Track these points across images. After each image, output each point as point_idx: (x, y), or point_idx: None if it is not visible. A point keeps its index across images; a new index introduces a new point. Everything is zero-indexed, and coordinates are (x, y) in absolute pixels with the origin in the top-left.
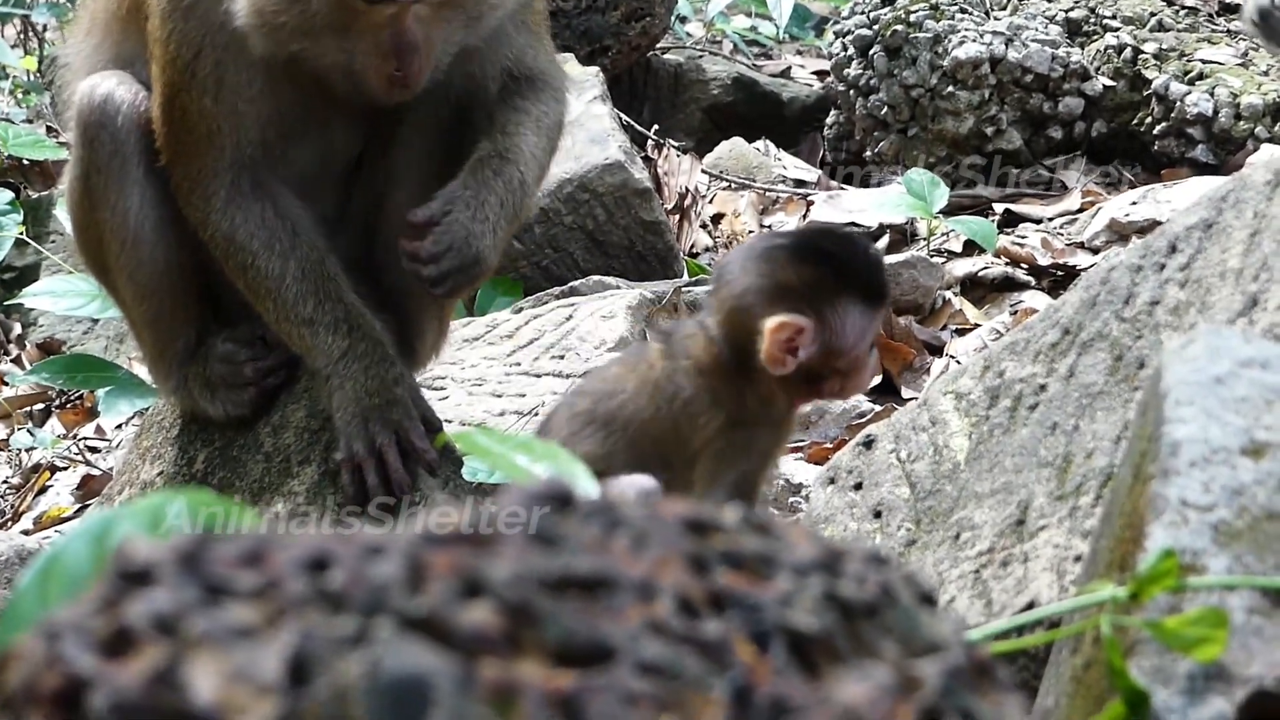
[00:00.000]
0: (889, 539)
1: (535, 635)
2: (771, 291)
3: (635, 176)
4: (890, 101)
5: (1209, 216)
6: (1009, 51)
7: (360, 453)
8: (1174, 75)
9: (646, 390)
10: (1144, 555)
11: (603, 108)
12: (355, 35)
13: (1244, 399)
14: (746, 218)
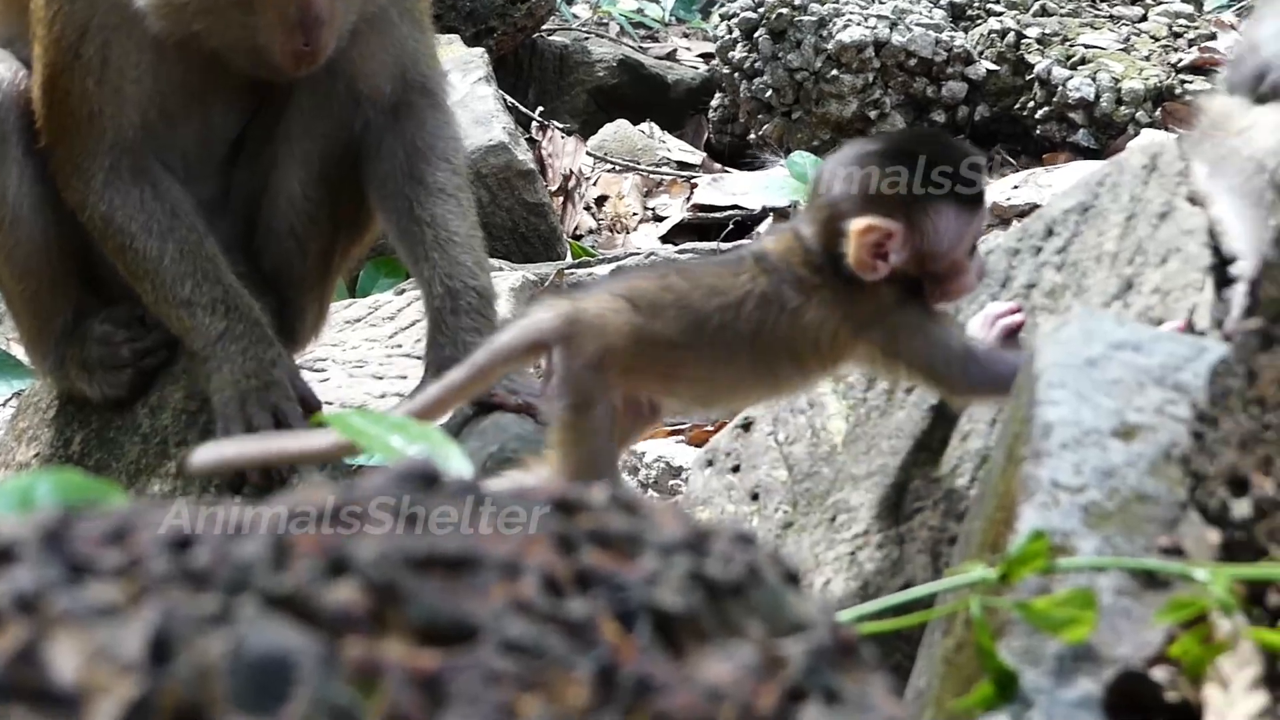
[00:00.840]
0: (766, 521)
1: (400, 614)
2: (864, 194)
3: (519, 158)
4: (775, 84)
5: (1086, 200)
6: (893, 35)
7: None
8: (1056, 60)
9: (751, 302)
10: (1015, 537)
11: (487, 89)
12: (260, 10)
13: (1116, 381)
14: (631, 200)
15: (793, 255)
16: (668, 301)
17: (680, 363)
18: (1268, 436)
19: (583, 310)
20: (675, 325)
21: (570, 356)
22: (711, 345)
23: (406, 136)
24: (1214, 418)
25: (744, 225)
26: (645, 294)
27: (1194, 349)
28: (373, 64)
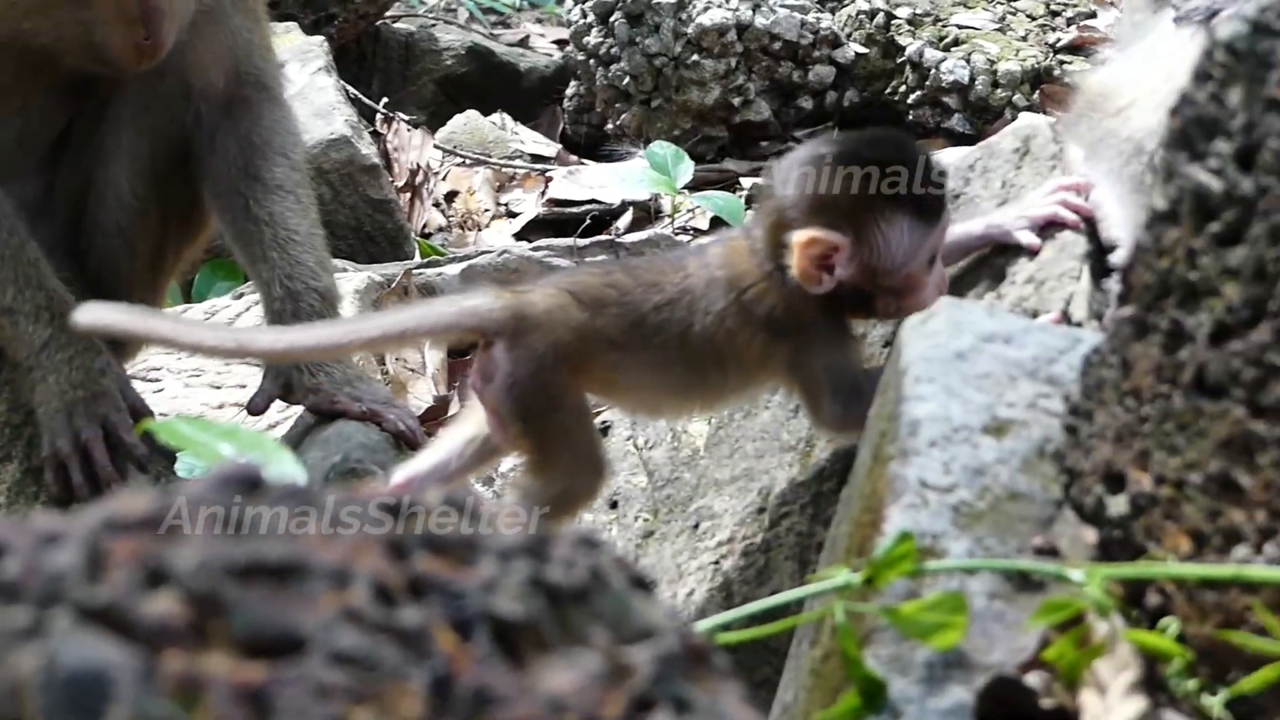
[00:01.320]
0: (625, 530)
1: (222, 626)
2: (811, 203)
3: (363, 152)
4: (632, 71)
5: (956, 187)
6: (756, 18)
7: (64, 449)
8: (928, 41)
9: (683, 301)
10: (882, 540)
11: (328, 79)
12: (96, 5)
13: (986, 375)
14: (482, 195)
15: (738, 257)
16: (611, 299)
17: (620, 365)
18: (1144, 429)
19: (530, 304)
20: (616, 325)
21: (518, 352)
22: (647, 347)
23: (241, 132)
24: (1088, 411)
25: (602, 220)
26: (589, 290)
27: (1068, 340)
28: (204, 57)
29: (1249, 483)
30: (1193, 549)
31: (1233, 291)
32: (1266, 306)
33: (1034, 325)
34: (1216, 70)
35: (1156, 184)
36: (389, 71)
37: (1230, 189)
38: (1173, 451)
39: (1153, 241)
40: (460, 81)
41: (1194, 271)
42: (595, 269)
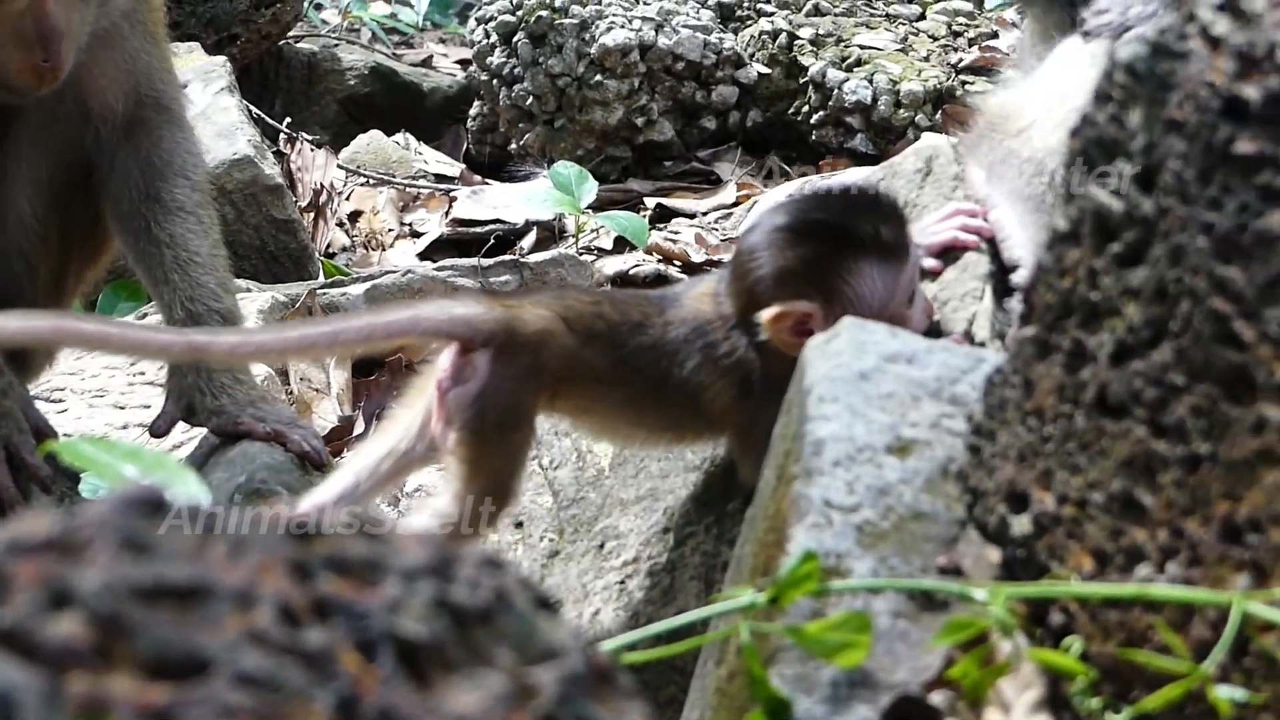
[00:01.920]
0: (531, 550)
1: (127, 647)
2: (775, 278)
3: (266, 172)
4: (536, 91)
5: None
6: (659, 38)
7: None
8: (831, 62)
9: (666, 347)
10: (787, 559)
11: (230, 99)
12: None
13: (890, 395)
14: (386, 215)
15: (706, 319)
16: (600, 330)
17: (600, 396)
18: (1047, 449)
19: (521, 321)
20: (603, 357)
21: (502, 366)
22: (627, 383)
23: (141, 154)
24: (991, 431)
25: (506, 240)
26: (581, 318)
27: (970, 360)
28: (103, 80)
29: (1151, 502)
30: (1095, 568)
31: (1134, 311)
32: (1167, 326)
33: (936, 345)
34: (1117, 91)
35: (1058, 204)
36: (292, 91)
37: (1131, 210)
38: (1075, 471)
39: (1054, 262)
40: (364, 101)
41: (1095, 292)
42: (584, 295)
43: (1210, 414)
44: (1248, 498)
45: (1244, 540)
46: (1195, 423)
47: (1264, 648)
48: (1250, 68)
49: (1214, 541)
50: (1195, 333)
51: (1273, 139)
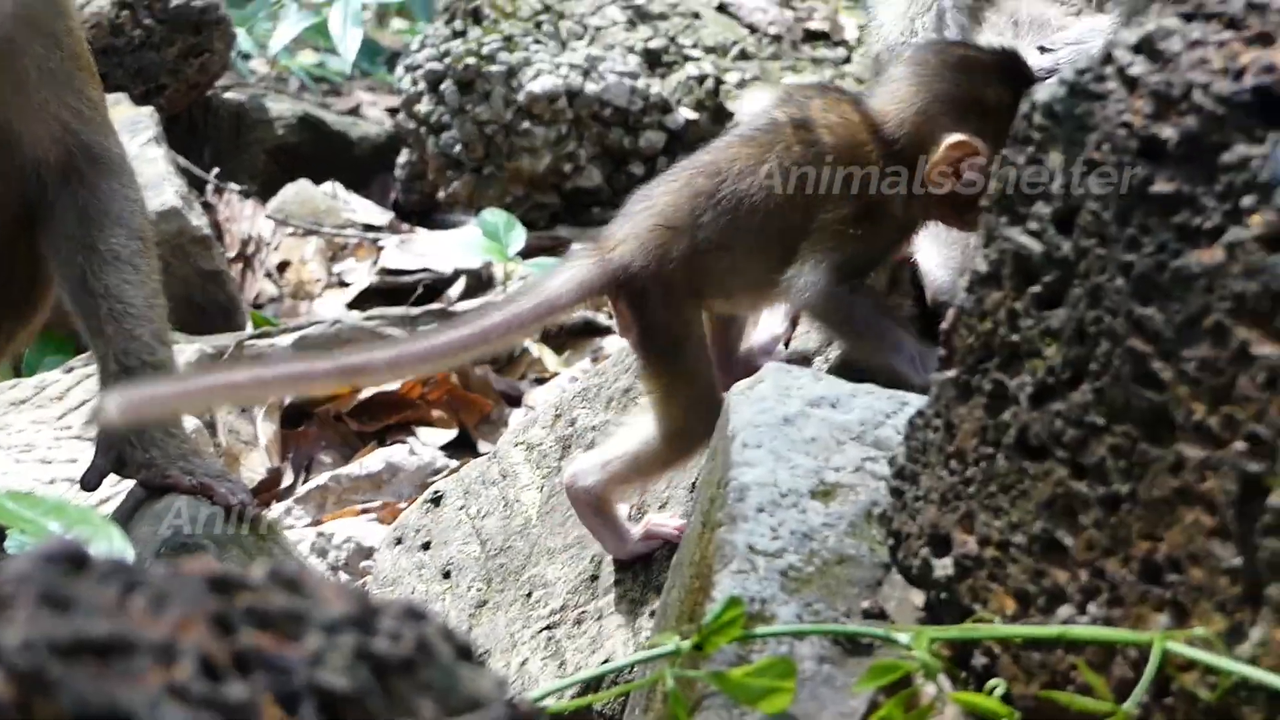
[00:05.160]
0: (459, 600)
1: (48, 704)
2: (964, 105)
3: (193, 224)
4: (464, 139)
5: None
6: (586, 84)
7: None
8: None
9: (782, 172)
10: (712, 605)
11: (158, 150)
12: None
13: (814, 439)
14: (314, 265)
15: (853, 130)
16: (701, 207)
17: (731, 268)
18: (969, 491)
19: (621, 256)
20: (716, 225)
21: (640, 302)
22: (754, 234)
23: (79, 203)
24: (913, 474)
25: (435, 288)
26: (678, 211)
27: (894, 403)
28: (39, 129)
29: (1072, 543)
30: (1018, 610)
31: (1054, 353)
32: (1087, 367)
33: (860, 389)
34: (1036, 133)
35: (978, 247)
36: (220, 141)
37: (1050, 251)
38: (997, 513)
39: (975, 304)
40: (292, 151)
41: (1016, 333)
42: (673, 183)
43: (1130, 454)
44: (1167, 537)
45: (1164, 580)
46: (1115, 463)
47: (1185, 686)
48: (1167, 108)
49: (1134, 581)
50: (1115, 373)
51: (1189, 179)
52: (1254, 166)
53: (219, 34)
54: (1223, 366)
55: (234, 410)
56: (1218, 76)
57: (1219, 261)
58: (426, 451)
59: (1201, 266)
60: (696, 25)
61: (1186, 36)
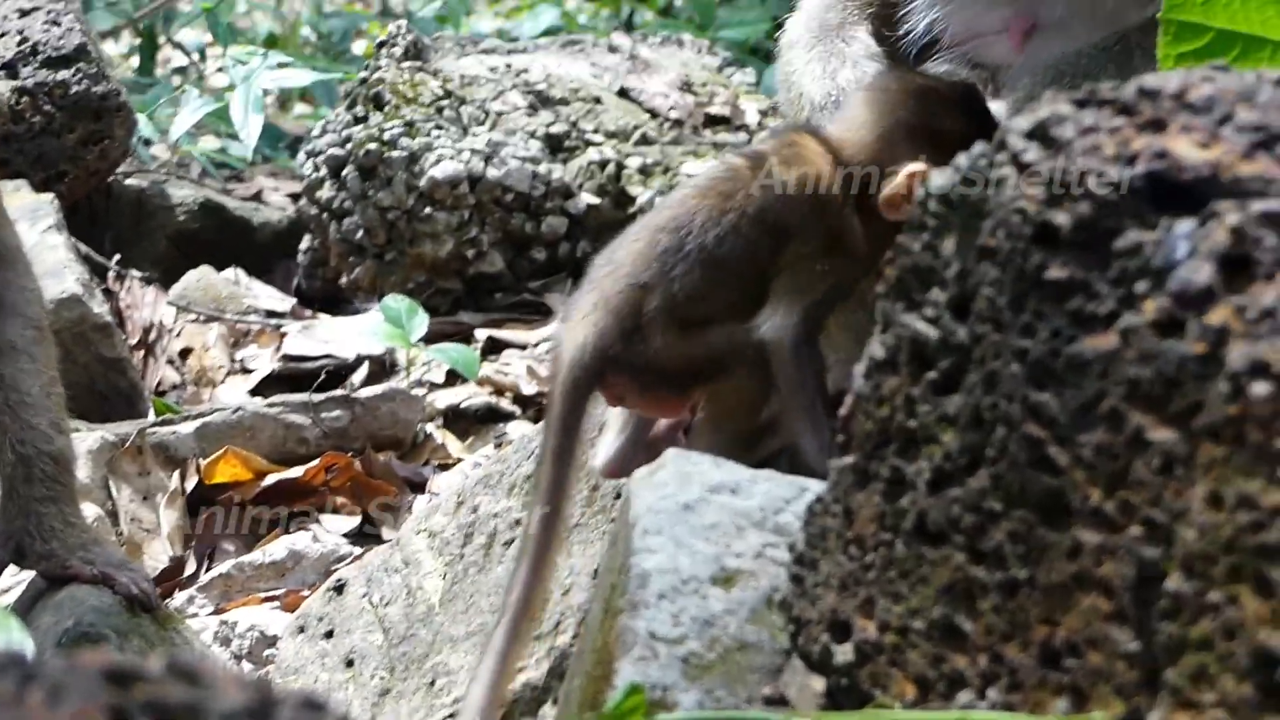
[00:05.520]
0: (362, 689)
1: None
2: (923, 133)
3: (95, 311)
4: (366, 224)
5: None
6: (488, 170)
7: None
8: (660, 191)
9: (745, 215)
10: (613, 692)
11: (58, 237)
12: None
13: (714, 526)
14: (216, 351)
15: (812, 159)
16: (670, 262)
17: (709, 317)
18: (868, 577)
19: (575, 338)
20: (689, 280)
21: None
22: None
23: None
24: (813, 560)
25: (338, 374)
26: (647, 269)
27: (794, 489)
28: None
29: (971, 628)
30: (918, 695)
31: (951, 438)
32: (984, 453)
33: (760, 475)
34: (930, 220)
35: (875, 333)
36: (121, 228)
37: (946, 337)
38: (896, 598)
39: (872, 390)
40: (193, 237)
41: (913, 419)
42: (634, 244)
43: (1028, 539)
44: (1065, 622)
45: (1062, 664)
46: (1013, 548)
47: None
48: (1060, 195)
49: (1033, 666)
50: (1011, 458)
51: (1083, 265)
52: (1147, 252)
53: (120, 120)
54: (1118, 451)
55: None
56: (1111, 163)
57: (1113, 347)
58: (330, 539)
59: (1096, 352)
60: (598, 110)
61: (1079, 123)
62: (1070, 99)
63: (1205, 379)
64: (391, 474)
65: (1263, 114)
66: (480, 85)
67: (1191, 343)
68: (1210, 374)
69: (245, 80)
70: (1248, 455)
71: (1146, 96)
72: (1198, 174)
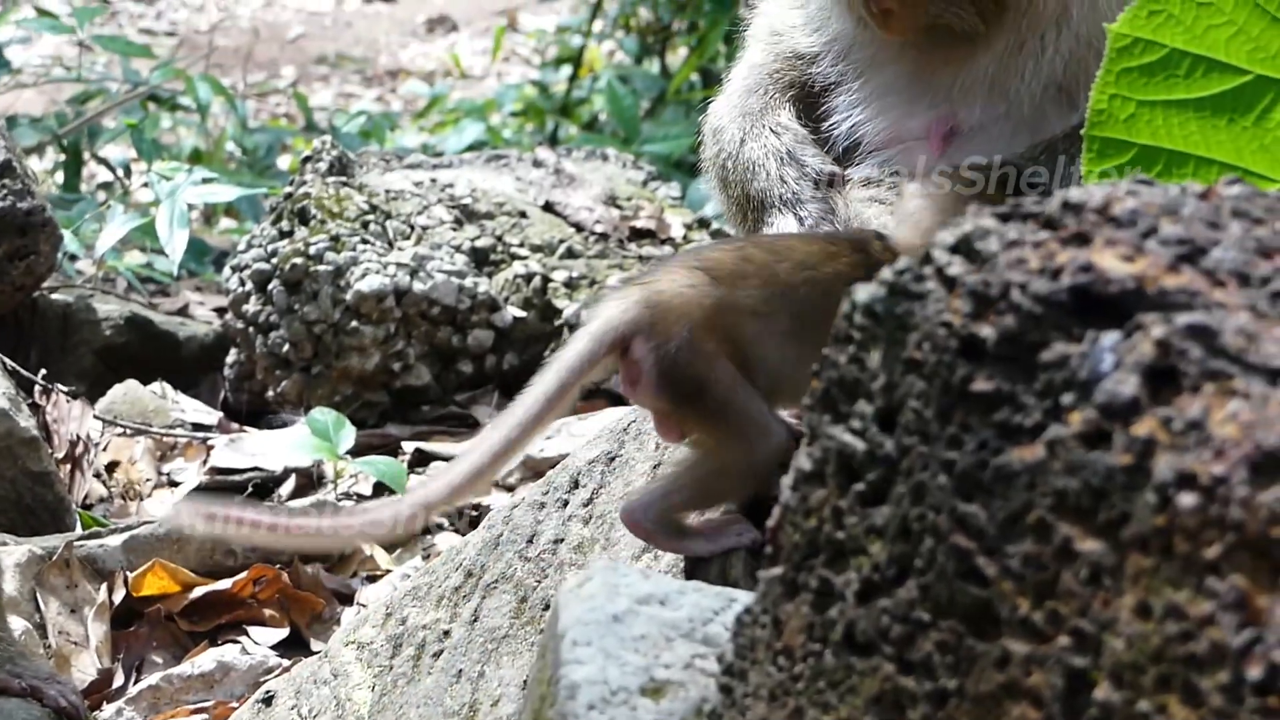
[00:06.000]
0: None
1: None
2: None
3: (21, 425)
4: (292, 338)
5: (611, 449)
6: (414, 283)
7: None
8: (585, 303)
9: (835, 285)
10: None
11: None
12: None
13: (643, 636)
14: (143, 465)
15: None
16: (749, 271)
17: (759, 337)
18: (797, 688)
19: (659, 292)
20: (758, 295)
21: (658, 341)
22: (791, 317)
23: None
24: (742, 670)
25: (265, 487)
26: (723, 264)
27: (722, 600)
28: None
29: None
30: None
31: (879, 550)
32: (912, 564)
33: (689, 586)
34: (856, 332)
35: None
36: (47, 342)
37: (873, 449)
38: (825, 709)
39: (799, 502)
40: (120, 351)
41: (841, 531)
42: (725, 246)
43: (956, 649)
44: None
45: None
46: (942, 658)
47: None
48: (985, 308)
49: None
50: (939, 569)
51: (1009, 377)
52: (1073, 364)
53: (45, 236)
54: (1046, 562)
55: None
56: (1035, 276)
57: (1040, 458)
58: (258, 651)
59: (1023, 464)
60: (523, 224)
61: (1004, 236)
62: (994, 213)
63: (1132, 490)
64: (319, 585)
65: (1186, 227)
66: (406, 200)
67: (1118, 454)
68: (1137, 485)
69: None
70: (1175, 566)
71: (1071, 210)
72: (1123, 287)
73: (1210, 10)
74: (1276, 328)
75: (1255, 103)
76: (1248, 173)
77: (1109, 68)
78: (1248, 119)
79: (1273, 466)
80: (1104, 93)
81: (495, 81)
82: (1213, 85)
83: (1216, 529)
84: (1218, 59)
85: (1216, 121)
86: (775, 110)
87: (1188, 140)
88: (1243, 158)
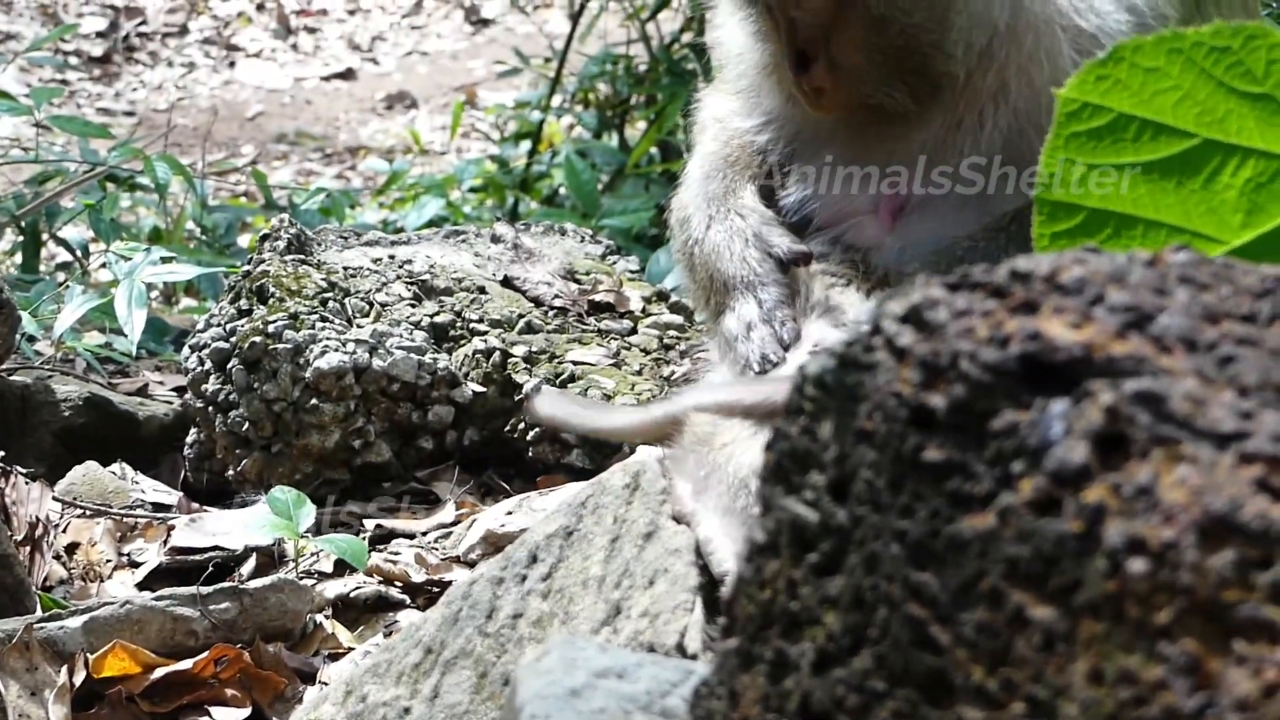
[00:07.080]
0: None
1: None
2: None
3: None
4: (251, 417)
5: (569, 524)
6: (374, 360)
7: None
8: (545, 378)
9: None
10: None
11: None
12: None
13: (601, 710)
14: (103, 546)
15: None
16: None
17: None
18: None
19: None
20: None
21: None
22: None
23: None
24: None
25: (226, 566)
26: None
27: (680, 673)
28: None
29: None
30: None
31: (833, 620)
32: (867, 633)
33: (646, 659)
34: (808, 404)
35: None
36: (6, 424)
37: (826, 520)
38: None
39: (754, 573)
40: (79, 432)
41: (795, 601)
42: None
43: (912, 718)
44: None
45: None
46: None
47: None
48: (935, 377)
49: None
50: (894, 638)
51: (960, 446)
52: (1023, 432)
53: (3, 318)
54: (999, 630)
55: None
56: (984, 345)
57: (991, 527)
58: None
59: (975, 532)
60: (482, 299)
61: (952, 306)
62: (943, 282)
63: (1083, 556)
64: (281, 664)
65: (1133, 294)
66: (364, 277)
67: (1069, 521)
68: (1088, 551)
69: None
70: (1127, 631)
71: (1019, 279)
72: (1071, 354)
73: (1157, 75)
74: (1223, 393)
75: (1203, 166)
76: (1196, 235)
77: (1058, 132)
78: (1195, 181)
79: (1221, 531)
80: (1053, 157)
81: (455, 157)
82: (1161, 149)
83: (1167, 594)
84: (1165, 123)
85: (1165, 184)
86: (738, 193)
87: (1137, 203)
88: (1191, 220)
